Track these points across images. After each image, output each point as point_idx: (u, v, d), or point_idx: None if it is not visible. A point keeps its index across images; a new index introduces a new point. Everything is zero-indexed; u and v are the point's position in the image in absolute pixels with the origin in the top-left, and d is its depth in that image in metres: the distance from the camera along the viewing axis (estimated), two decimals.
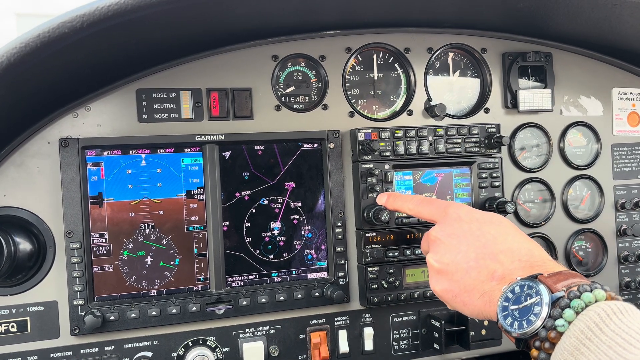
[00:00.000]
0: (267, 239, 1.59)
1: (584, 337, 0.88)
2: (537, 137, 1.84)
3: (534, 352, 0.97)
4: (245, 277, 1.57)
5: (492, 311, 1.10)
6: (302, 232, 1.62)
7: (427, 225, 1.64)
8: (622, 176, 1.93)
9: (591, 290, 0.94)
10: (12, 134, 1.41)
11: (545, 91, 1.81)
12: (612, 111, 1.93)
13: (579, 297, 0.93)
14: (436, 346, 1.67)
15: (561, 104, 1.87)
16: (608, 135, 1.92)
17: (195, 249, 1.54)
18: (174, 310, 1.48)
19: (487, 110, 1.79)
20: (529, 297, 1.00)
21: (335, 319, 1.64)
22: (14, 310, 1.42)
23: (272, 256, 1.59)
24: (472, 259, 1.18)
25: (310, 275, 1.62)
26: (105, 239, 1.47)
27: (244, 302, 1.53)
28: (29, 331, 1.42)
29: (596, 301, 0.92)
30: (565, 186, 1.85)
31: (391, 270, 1.61)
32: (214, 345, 1.54)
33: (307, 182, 1.62)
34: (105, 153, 1.48)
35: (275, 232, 1.60)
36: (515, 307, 1.01)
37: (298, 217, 1.62)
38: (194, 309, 1.49)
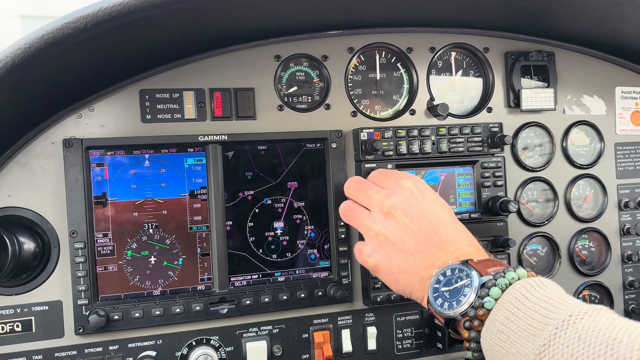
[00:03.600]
0: (270, 238, 1.59)
1: (512, 306, 0.95)
2: (540, 137, 1.84)
3: (465, 333, 1.02)
4: (249, 277, 1.58)
5: (423, 296, 1.16)
6: (305, 232, 1.62)
7: None
8: (626, 175, 1.93)
9: (514, 270, 1.02)
10: (16, 134, 1.42)
11: (548, 90, 1.81)
12: (615, 110, 1.93)
13: (503, 277, 1.01)
14: (439, 345, 1.67)
15: (564, 103, 1.87)
16: (611, 134, 1.92)
17: (198, 249, 1.54)
18: (178, 310, 1.49)
19: (489, 110, 1.79)
20: (459, 280, 1.06)
21: (339, 319, 1.64)
22: (18, 310, 1.42)
23: (275, 256, 1.60)
24: (420, 243, 1.19)
25: (313, 275, 1.62)
26: (109, 239, 1.48)
27: (248, 302, 1.54)
28: (34, 331, 1.43)
29: (519, 279, 1.01)
30: (569, 185, 1.85)
31: None
32: (217, 345, 1.54)
33: (310, 181, 1.63)
34: (109, 153, 1.48)
35: (279, 231, 1.60)
36: (446, 288, 1.07)
37: (301, 216, 1.62)
38: (198, 308, 1.50)
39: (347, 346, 1.62)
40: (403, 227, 1.23)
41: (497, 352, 0.95)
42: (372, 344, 1.65)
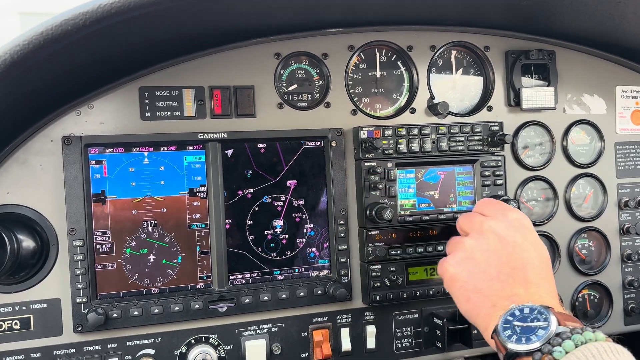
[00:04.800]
0: (269, 237, 1.59)
1: None
2: (540, 135, 1.84)
3: None
4: (248, 275, 1.57)
5: (488, 324, 1.15)
6: (305, 230, 1.62)
7: (430, 222, 1.64)
8: (626, 174, 1.92)
9: (592, 332, 1.00)
10: (15, 131, 1.41)
11: (548, 89, 1.80)
12: (615, 109, 1.93)
13: (580, 334, 0.99)
14: (438, 344, 1.67)
15: (564, 102, 1.86)
16: (611, 133, 1.92)
17: (197, 247, 1.54)
18: (177, 308, 1.48)
19: (490, 109, 1.79)
20: (536, 320, 1.04)
21: (338, 317, 1.64)
22: (17, 308, 1.42)
23: (274, 254, 1.60)
24: (503, 273, 1.19)
25: (312, 273, 1.62)
26: (108, 237, 1.48)
27: (247, 300, 1.53)
28: (32, 328, 1.43)
29: (596, 340, 0.98)
30: (568, 184, 1.85)
31: (394, 269, 1.61)
32: (216, 343, 1.54)
33: (310, 180, 1.62)
34: (108, 151, 1.48)
35: (278, 230, 1.60)
36: (520, 324, 1.05)
37: (300, 215, 1.61)
38: (197, 306, 1.50)
39: (346, 345, 1.62)
40: (493, 252, 1.23)
41: None
42: (371, 343, 1.65)
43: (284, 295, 1.56)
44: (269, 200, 1.59)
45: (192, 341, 1.53)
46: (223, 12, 1.37)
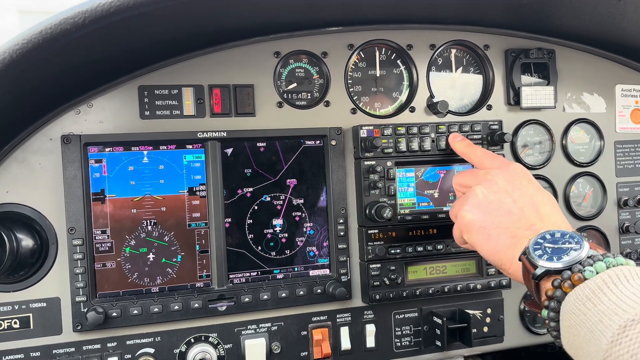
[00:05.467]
0: (269, 235, 1.59)
1: (610, 281, 0.93)
2: (539, 134, 1.84)
3: (550, 290, 1.00)
4: (248, 274, 1.57)
5: (512, 255, 1.17)
6: (304, 229, 1.62)
7: (429, 221, 1.64)
8: (625, 173, 1.92)
9: (624, 258, 0.99)
10: (14, 130, 1.41)
11: (548, 88, 1.80)
12: (615, 108, 1.92)
13: (612, 258, 0.98)
14: (438, 343, 1.67)
15: (564, 100, 1.86)
16: (611, 132, 1.92)
17: (197, 246, 1.54)
18: (176, 307, 1.48)
19: (489, 107, 1.79)
20: (567, 243, 1.06)
21: (337, 316, 1.64)
22: (16, 307, 1.42)
23: (274, 253, 1.59)
24: (518, 206, 1.24)
25: (312, 272, 1.62)
26: (108, 236, 1.48)
27: (246, 299, 1.53)
28: (32, 327, 1.43)
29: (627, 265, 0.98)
30: (568, 183, 1.85)
31: (393, 268, 1.61)
32: (216, 342, 1.54)
33: (309, 179, 1.62)
34: (107, 150, 1.48)
35: (278, 229, 1.60)
36: (551, 245, 1.06)
37: (300, 214, 1.61)
38: (196, 305, 1.50)
39: (345, 344, 1.62)
40: (504, 192, 1.28)
41: (576, 317, 0.93)
42: (370, 342, 1.65)
43: (284, 294, 1.56)
44: (268, 199, 1.59)
45: (192, 340, 1.53)
46: (222, 11, 1.37)
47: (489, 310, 1.71)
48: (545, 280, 1.03)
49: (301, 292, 1.57)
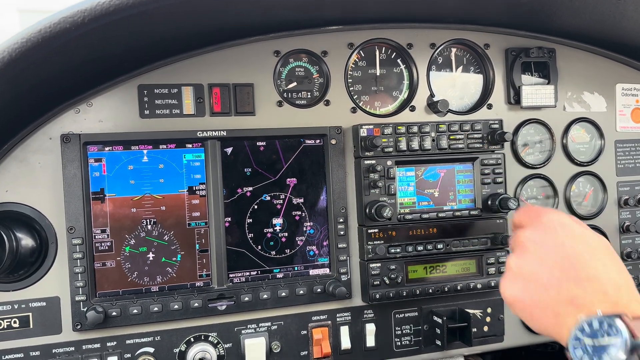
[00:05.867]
0: (269, 235, 1.59)
1: None
2: (540, 133, 1.83)
3: None
4: (247, 273, 1.57)
5: (561, 333, 1.05)
6: (304, 228, 1.62)
7: (430, 220, 1.64)
8: (626, 172, 1.92)
9: None
10: (14, 129, 1.41)
11: (548, 87, 1.80)
12: (615, 107, 1.92)
13: None
14: (438, 342, 1.67)
15: (564, 100, 1.86)
16: (611, 131, 1.91)
17: (197, 245, 1.54)
18: (176, 306, 1.48)
19: (489, 106, 1.78)
20: (606, 335, 0.95)
21: (337, 315, 1.63)
22: (16, 306, 1.42)
23: (274, 252, 1.59)
24: (555, 277, 1.10)
25: (312, 272, 1.62)
26: (107, 235, 1.47)
27: (246, 298, 1.53)
28: (31, 327, 1.43)
29: None
30: (568, 182, 1.85)
31: (393, 267, 1.61)
32: (215, 341, 1.54)
33: (309, 178, 1.62)
34: (107, 149, 1.48)
35: (277, 228, 1.60)
36: (590, 341, 0.96)
37: (300, 213, 1.61)
38: (196, 304, 1.49)
39: (345, 343, 1.62)
40: (537, 261, 1.14)
41: None
42: (370, 341, 1.65)
43: (284, 294, 1.56)
44: (268, 198, 1.59)
45: (192, 339, 1.53)
46: (222, 10, 1.37)
47: (489, 310, 1.71)
48: None
49: (301, 292, 1.57)
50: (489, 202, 1.67)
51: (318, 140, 1.62)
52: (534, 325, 1.14)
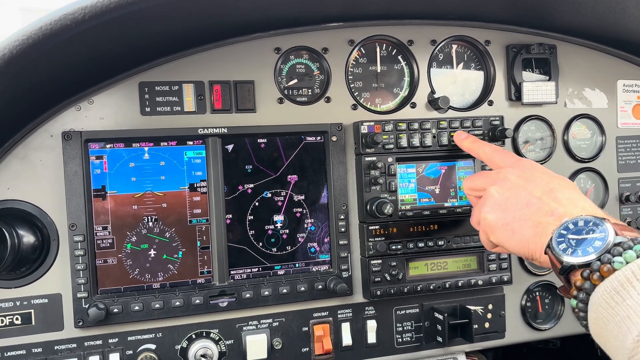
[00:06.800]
0: (270, 231, 1.59)
1: None
2: (541, 130, 1.83)
3: (579, 281, 0.97)
4: (249, 270, 1.57)
5: (540, 243, 1.12)
6: (305, 225, 1.62)
7: (430, 217, 1.64)
8: (627, 169, 1.92)
9: None
10: (15, 127, 1.41)
11: (549, 83, 1.80)
12: (616, 103, 1.92)
13: None
14: (439, 339, 1.67)
15: (565, 96, 1.86)
16: (613, 127, 1.91)
17: (198, 242, 1.54)
18: (178, 303, 1.48)
19: (490, 103, 1.78)
20: (591, 232, 1.01)
21: (339, 312, 1.64)
22: (18, 303, 1.42)
23: (275, 249, 1.60)
24: (536, 196, 1.21)
25: (313, 268, 1.62)
26: (109, 232, 1.48)
27: (247, 295, 1.54)
28: (33, 323, 1.43)
29: None
30: (570, 179, 1.84)
31: (394, 263, 1.61)
32: (217, 338, 1.54)
33: (310, 175, 1.62)
34: (108, 146, 1.48)
35: (279, 225, 1.60)
36: (574, 236, 1.03)
37: (301, 210, 1.61)
38: (198, 301, 1.50)
39: (347, 339, 1.62)
40: (518, 186, 1.27)
41: (603, 311, 0.90)
42: (372, 338, 1.65)
43: (285, 290, 1.56)
44: (269, 195, 1.59)
45: (193, 336, 1.53)
46: (223, 7, 1.37)
47: (490, 306, 1.71)
48: (575, 270, 1.00)
49: (302, 288, 1.57)
50: None
51: (319, 137, 1.63)
52: (514, 241, 1.21)
